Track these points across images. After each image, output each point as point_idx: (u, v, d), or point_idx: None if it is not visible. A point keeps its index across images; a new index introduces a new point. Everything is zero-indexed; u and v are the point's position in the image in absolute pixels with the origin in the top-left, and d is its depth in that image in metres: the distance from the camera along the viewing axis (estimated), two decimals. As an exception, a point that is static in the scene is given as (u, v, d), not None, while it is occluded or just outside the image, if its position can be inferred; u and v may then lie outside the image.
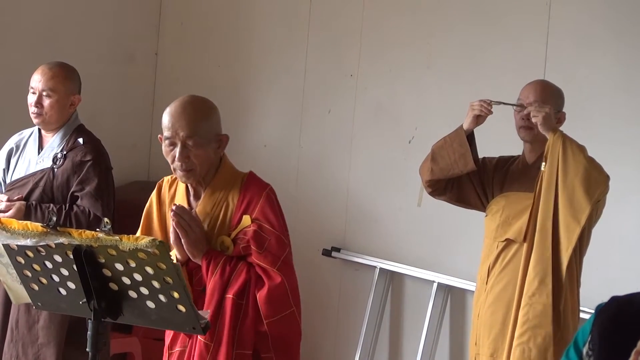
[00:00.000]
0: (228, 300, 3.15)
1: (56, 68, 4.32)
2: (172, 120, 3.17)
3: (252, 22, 6.22)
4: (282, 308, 3.16)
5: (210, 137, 3.20)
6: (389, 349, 5.47)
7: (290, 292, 3.17)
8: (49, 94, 4.25)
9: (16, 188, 4.30)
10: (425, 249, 5.28)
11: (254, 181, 3.29)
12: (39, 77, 4.28)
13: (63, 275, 2.72)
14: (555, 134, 3.76)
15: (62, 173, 4.26)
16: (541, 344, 3.75)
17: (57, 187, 4.26)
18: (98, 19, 6.28)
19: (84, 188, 4.23)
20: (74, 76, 4.35)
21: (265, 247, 3.16)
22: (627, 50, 4.55)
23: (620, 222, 4.44)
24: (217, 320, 3.14)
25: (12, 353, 4.23)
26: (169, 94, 6.56)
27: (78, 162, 4.26)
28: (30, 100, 4.29)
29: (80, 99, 4.37)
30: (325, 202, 5.74)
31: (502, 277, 3.91)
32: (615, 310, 1.87)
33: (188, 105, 3.20)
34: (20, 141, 4.42)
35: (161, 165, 6.51)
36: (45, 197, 4.25)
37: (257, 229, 3.17)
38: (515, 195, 3.94)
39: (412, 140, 5.33)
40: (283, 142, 5.79)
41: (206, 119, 3.20)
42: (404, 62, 5.42)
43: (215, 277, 3.15)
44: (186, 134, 3.15)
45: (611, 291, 1.98)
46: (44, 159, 4.31)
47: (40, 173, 4.28)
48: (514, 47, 4.95)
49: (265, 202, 3.21)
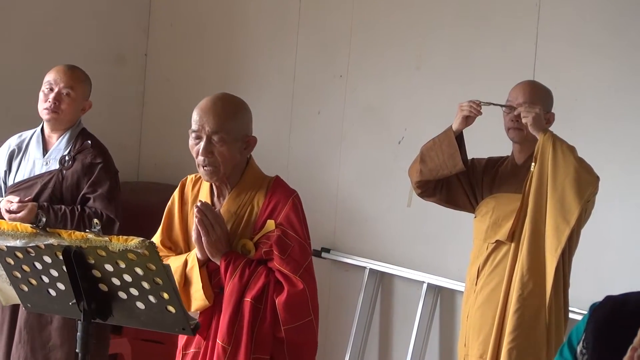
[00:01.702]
0: (246, 303, 3.10)
1: (77, 70, 4.38)
2: (201, 113, 3.14)
3: (242, 23, 6.22)
4: (301, 315, 3.12)
5: (237, 136, 3.15)
6: (379, 349, 5.48)
7: (310, 301, 3.12)
8: (69, 92, 4.29)
9: (21, 190, 4.30)
10: (415, 250, 5.28)
11: (281, 186, 3.24)
12: (60, 76, 4.30)
13: (53, 276, 2.72)
14: (545, 135, 3.76)
15: (72, 175, 4.28)
16: (535, 344, 3.75)
17: (66, 188, 4.27)
18: (87, 20, 6.27)
19: (97, 190, 4.25)
20: (89, 81, 4.41)
21: (288, 253, 3.12)
22: (617, 50, 4.57)
23: (610, 222, 4.45)
24: (235, 324, 3.09)
25: (20, 354, 4.22)
26: (158, 95, 6.58)
27: (88, 163, 4.28)
28: (45, 95, 4.29)
29: (91, 104, 4.41)
30: (315, 203, 5.74)
31: (492, 278, 3.91)
32: (609, 309, 1.87)
33: (218, 101, 3.17)
34: (22, 143, 4.41)
35: (150, 166, 6.52)
36: (55, 198, 4.26)
37: (280, 234, 3.12)
38: (505, 197, 3.94)
39: (401, 141, 5.34)
40: (272, 142, 5.79)
41: (234, 117, 3.16)
42: (394, 63, 5.42)
43: (234, 279, 3.10)
44: (212, 129, 3.11)
45: (601, 291, 1.98)
46: (50, 161, 4.32)
47: (47, 175, 4.29)
48: (504, 48, 4.96)
49: (291, 208, 3.17)
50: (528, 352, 3.75)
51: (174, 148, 6.34)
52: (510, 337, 3.76)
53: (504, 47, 4.96)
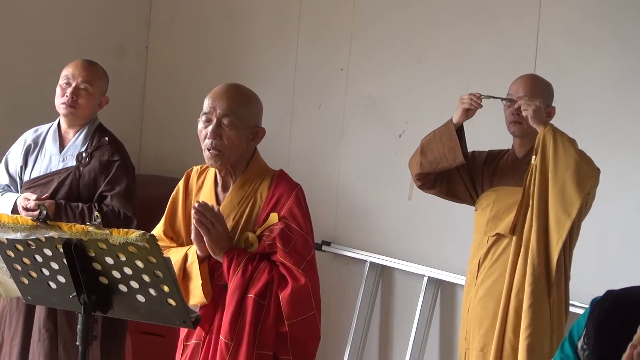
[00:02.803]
0: (249, 299, 3.09)
1: (95, 65, 4.36)
2: (214, 96, 3.17)
3: (243, 16, 6.21)
4: (304, 310, 3.11)
5: (246, 123, 3.17)
6: (379, 342, 5.48)
7: (313, 295, 3.13)
8: (87, 88, 4.27)
9: (38, 186, 4.26)
10: (415, 243, 5.28)
11: (284, 179, 3.24)
12: (79, 71, 4.28)
13: (53, 269, 2.72)
14: (545, 128, 3.77)
15: (89, 172, 4.25)
16: (543, 337, 3.75)
17: (83, 185, 4.24)
18: (88, 13, 6.27)
19: (114, 188, 4.23)
20: (107, 77, 4.40)
21: (291, 246, 3.12)
22: (617, 45, 4.56)
23: (610, 216, 4.45)
24: (238, 320, 3.09)
25: (40, 352, 4.17)
26: (159, 88, 6.58)
27: (105, 161, 4.25)
28: (63, 90, 4.26)
29: (108, 100, 4.40)
30: (316, 196, 5.72)
31: (493, 272, 3.91)
32: (610, 304, 1.87)
33: (232, 87, 3.22)
34: (38, 138, 4.37)
35: (151, 159, 6.52)
36: (72, 195, 4.23)
37: (284, 227, 3.13)
38: (506, 190, 3.94)
39: (402, 135, 5.33)
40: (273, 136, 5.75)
41: (246, 104, 3.19)
42: (395, 56, 5.42)
43: (237, 275, 3.10)
44: (223, 111, 3.13)
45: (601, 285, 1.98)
46: (67, 157, 4.28)
47: (64, 171, 4.26)
48: (505, 42, 4.96)
49: (294, 201, 3.17)
50: (543, 346, 3.75)
51: (175, 141, 6.34)
52: (527, 331, 3.75)
53: (505, 41, 4.96)
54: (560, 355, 1.91)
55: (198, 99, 3.30)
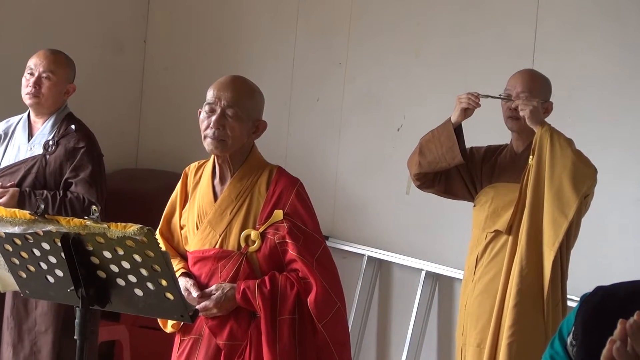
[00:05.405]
0: (283, 321, 3.11)
1: (58, 54, 4.36)
2: (219, 86, 3.18)
3: (241, 10, 6.21)
4: (328, 308, 3.12)
5: (250, 115, 3.18)
6: (377, 336, 5.49)
7: (331, 289, 3.13)
8: (49, 76, 4.27)
9: (6, 175, 4.30)
10: (413, 237, 5.28)
11: (284, 175, 3.25)
12: (40, 60, 4.29)
13: (51, 263, 2.72)
14: (542, 128, 3.75)
15: (55, 160, 4.27)
16: (534, 338, 3.73)
17: (49, 173, 4.27)
18: (86, 7, 6.25)
19: (78, 174, 4.24)
20: (72, 65, 4.40)
21: (300, 243, 3.13)
22: (616, 38, 4.56)
23: (608, 213, 4.45)
24: (277, 343, 3.09)
25: (8, 340, 4.24)
26: (157, 82, 6.57)
27: (71, 148, 4.27)
28: (27, 80, 4.29)
29: (75, 88, 4.39)
30: (314, 191, 5.68)
31: (491, 268, 3.90)
32: (599, 300, 1.86)
33: (237, 79, 3.24)
34: (8, 128, 4.42)
35: (149, 153, 6.51)
36: (38, 183, 4.26)
37: (291, 226, 3.13)
38: (504, 186, 3.93)
39: (400, 129, 5.34)
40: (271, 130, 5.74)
41: (250, 97, 3.21)
42: (393, 50, 5.42)
43: (259, 301, 3.10)
44: (228, 102, 3.14)
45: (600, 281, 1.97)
46: (35, 146, 4.31)
47: (31, 160, 4.29)
48: (503, 36, 4.96)
49: (297, 198, 3.19)
50: (528, 346, 3.73)
51: (173, 135, 6.33)
52: (510, 331, 3.74)
53: (503, 34, 4.96)
54: (550, 351, 1.90)
55: (196, 93, 3.30)
